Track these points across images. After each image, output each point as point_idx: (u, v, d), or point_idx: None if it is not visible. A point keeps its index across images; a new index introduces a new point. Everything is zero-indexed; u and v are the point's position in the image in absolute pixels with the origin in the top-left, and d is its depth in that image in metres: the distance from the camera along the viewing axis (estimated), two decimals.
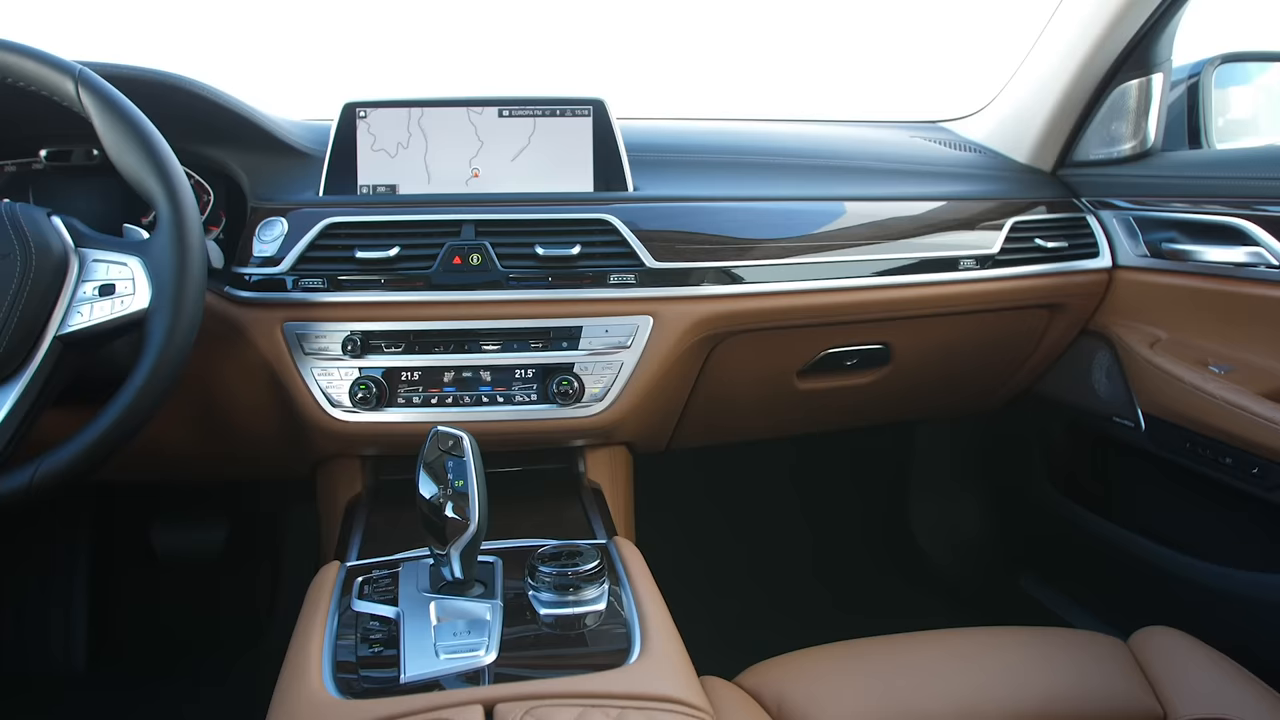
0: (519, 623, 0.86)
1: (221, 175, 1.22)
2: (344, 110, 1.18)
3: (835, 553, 2.04)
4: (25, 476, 0.88)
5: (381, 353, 1.12)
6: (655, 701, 0.72)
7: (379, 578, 0.94)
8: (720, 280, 1.19)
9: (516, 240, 1.13)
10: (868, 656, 1.02)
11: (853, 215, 1.28)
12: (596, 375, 1.14)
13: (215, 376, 1.16)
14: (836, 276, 1.26)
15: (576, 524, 1.11)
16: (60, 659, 1.71)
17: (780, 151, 1.39)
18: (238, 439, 1.28)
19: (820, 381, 1.38)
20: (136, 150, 0.93)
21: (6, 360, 0.88)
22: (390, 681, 0.78)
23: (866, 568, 2.03)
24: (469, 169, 1.19)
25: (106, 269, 0.92)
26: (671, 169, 1.27)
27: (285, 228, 1.13)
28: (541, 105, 1.20)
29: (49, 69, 0.92)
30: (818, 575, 2.01)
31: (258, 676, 1.64)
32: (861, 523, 2.08)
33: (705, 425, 1.40)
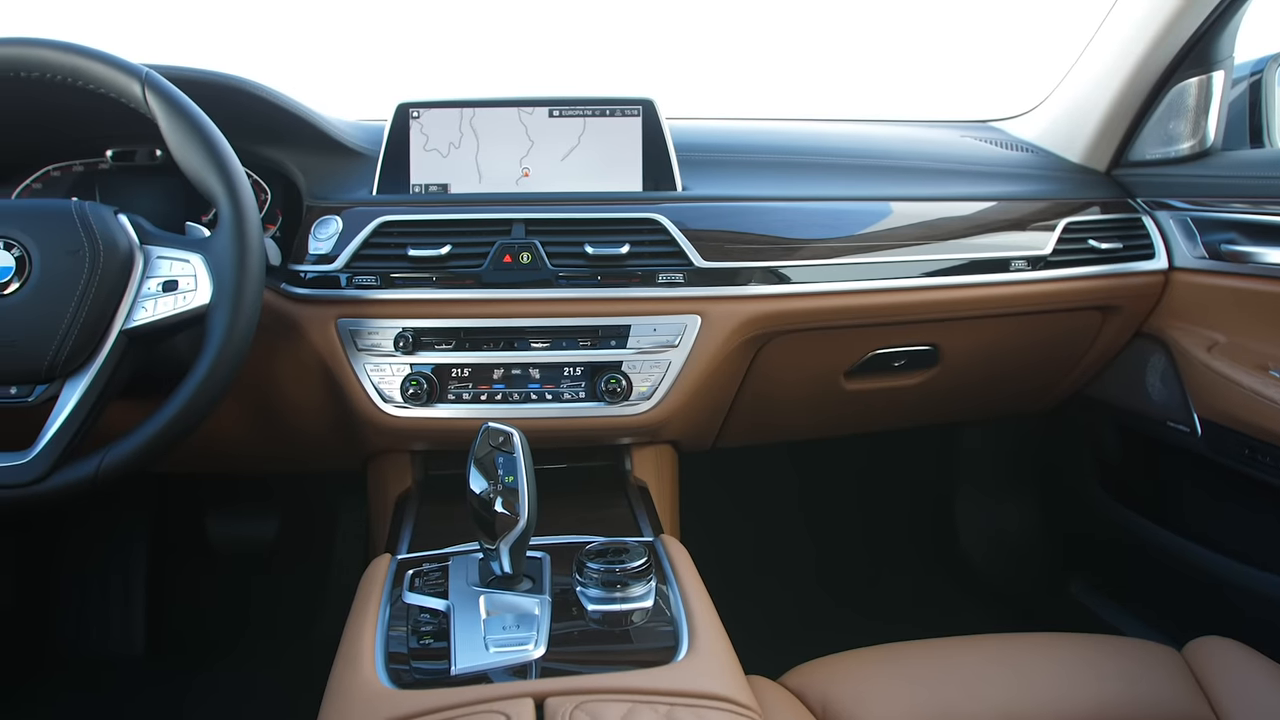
0: (567, 618, 0.87)
1: (278, 175, 1.25)
2: (397, 111, 1.20)
3: (878, 554, 2.03)
4: (92, 466, 0.92)
5: (432, 349, 1.14)
6: (704, 699, 0.72)
7: (429, 571, 0.96)
8: (768, 280, 1.19)
9: (566, 239, 1.15)
10: (913, 660, 1.01)
11: (902, 215, 1.27)
12: (644, 374, 1.15)
13: (271, 371, 1.19)
14: (885, 277, 1.25)
15: (623, 521, 1.12)
16: (119, 644, 1.76)
17: (829, 151, 1.39)
18: (292, 433, 1.30)
19: (867, 382, 1.37)
20: (200, 150, 0.95)
21: (75, 354, 0.91)
22: (441, 673, 0.79)
23: (910, 570, 2.01)
24: (519, 168, 1.20)
25: (170, 266, 0.95)
26: (720, 169, 1.27)
27: (340, 226, 1.15)
28: (591, 105, 1.21)
29: (117, 72, 0.94)
30: (860, 577, 2.00)
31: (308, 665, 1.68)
32: (905, 524, 2.06)
33: (751, 424, 1.40)
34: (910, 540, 2.06)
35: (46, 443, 0.91)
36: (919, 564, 2.02)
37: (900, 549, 2.05)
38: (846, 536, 2.05)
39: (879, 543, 2.04)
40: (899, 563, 2.03)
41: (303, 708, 1.18)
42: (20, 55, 0.93)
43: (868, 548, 2.04)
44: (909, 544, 2.06)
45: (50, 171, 1.25)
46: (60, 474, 0.91)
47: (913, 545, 2.05)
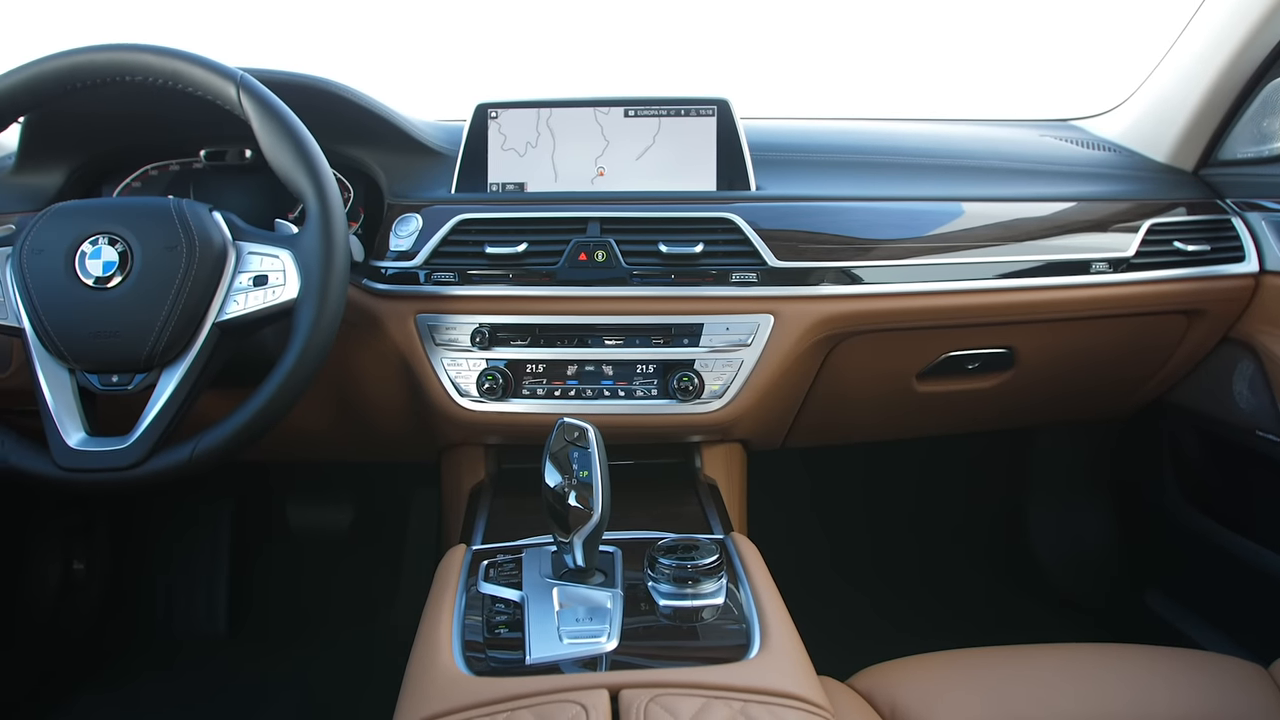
0: (638, 612, 0.88)
1: (361, 173, 1.29)
2: (476, 111, 1.23)
3: (947, 558, 2.00)
4: (185, 452, 0.96)
5: (508, 345, 1.17)
6: (777, 697, 0.72)
7: (503, 562, 0.98)
8: (842, 280, 1.18)
9: (640, 238, 1.16)
10: (984, 666, 1.00)
11: (979, 216, 1.25)
12: (716, 372, 1.16)
13: (352, 364, 1.22)
14: (960, 278, 1.23)
15: (693, 518, 1.13)
16: (203, 624, 1.84)
17: (905, 151, 1.37)
18: (370, 424, 1.34)
19: (940, 384, 1.36)
20: (290, 150, 0.98)
21: (171, 344, 0.96)
22: (516, 663, 0.80)
23: (980, 575, 1.98)
24: (594, 167, 1.22)
25: (260, 261, 0.99)
26: (795, 168, 1.27)
27: (420, 223, 1.18)
28: (666, 105, 1.22)
29: (213, 75, 0.98)
30: (928, 580, 1.97)
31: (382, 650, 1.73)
32: (975, 529, 2.03)
33: (821, 425, 1.40)
34: (979, 545, 2.02)
35: (144, 429, 0.95)
36: (987, 569, 1.99)
37: (968, 553, 2.02)
38: (912, 539, 2.02)
39: (945, 546, 2.01)
40: (966, 567, 2.00)
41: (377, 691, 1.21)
42: (124, 60, 0.98)
43: (934, 551, 2.01)
44: (977, 549, 2.02)
45: (149, 171, 1.31)
46: (156, 459, 0.95)
47: (981, 550, 2.02)
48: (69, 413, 0.97)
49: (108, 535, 1.83)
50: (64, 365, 0.97)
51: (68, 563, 1.76)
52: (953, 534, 2.03)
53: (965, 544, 2.03)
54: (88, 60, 0.98)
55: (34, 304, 0.96)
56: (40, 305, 0.95)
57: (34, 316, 0.96)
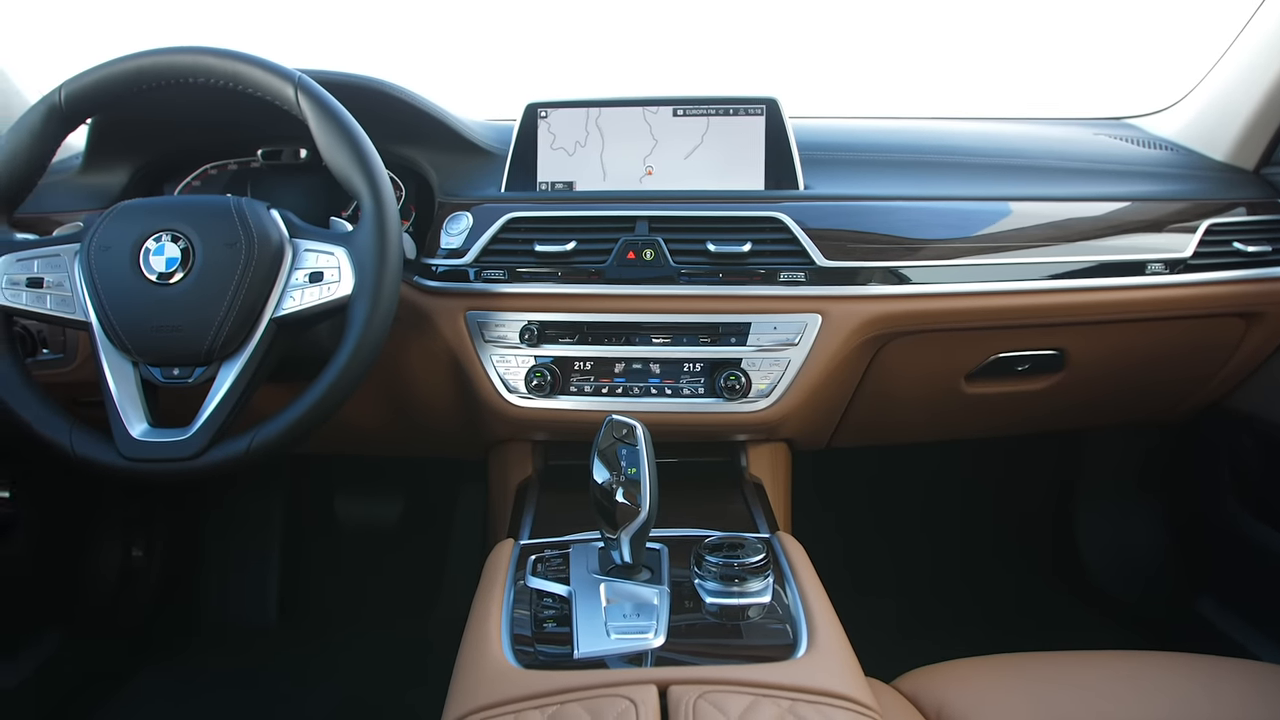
0: (684, 610, 0.88)
1: (412, 172, 1.31)
2: (526, 111, 1.24)
3: (991, 560, 1.98)
4: (243, 444, 0.98)
5: (556, 342, 1.18)
6: (825, 697, 0.72)
7: (551, 557, 0.99)
8: (890, 280, 1.17)
9: (688, 236, 1.16)
10: (1033, 671, 0.99)
11: (1030, 215, 1.23)
12: (764, 371, 1.15)
13: (403, 361, 1.24)
14: (1011, 279, 1.21)
15: (739, 517, 1.13)
16: (255, 613, 1.88)
17: (955, 150, 1.36)
18: (420, 419, 1.36)
19: (989, 386, 1.34)
20: (346, 150, 1.00)
21: (230, 339, 0.98)
22: (564, 657, 0.81)
23: (1026, 579, 1.95)
24: (643, 167, 1.23)
25: (316, 258, 1.00)
26: (843, 168, 1.27)
27: (470, 222, 1.20)
28: (715, 104, 1.22)
29: (272, 76, 1.00)
30: (971, 582, 1.95)
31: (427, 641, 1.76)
32: (1023, 532, 2.00)
33: (867, 425, 1.39)
34: (1025, 548, 2.00)
35: (204, 421, 0.98)
36: (1033, 572, 1.96)
37: (1014, 557, 1.99)
38: (957, 541, 2.00)
39: (991, 549, 1.99)
40: (1012, 570, 1.97)
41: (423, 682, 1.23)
42: (187, 62, 1.00)
43: (979, 553, 1.99)
44: (1023, 552, 2.00)
45: (208, 170, 1.35)
46: (215, 450, 0.97)
47: (1028, 553, 1.99)
48: (132, 404, 1.00)
49: (165, 524, 1.88)
50: (128, 358, 1.00)
51: (128, 550, 1.82)
52: (997, 536, 2.01)
53: (1010, 546, 2.00)
54: (153, 63, 1.00)
55: (100, 299, 0.99)
56: (106, 300, 0.98)
57: (100, 311, 0.99)
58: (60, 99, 1.02)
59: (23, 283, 1.01)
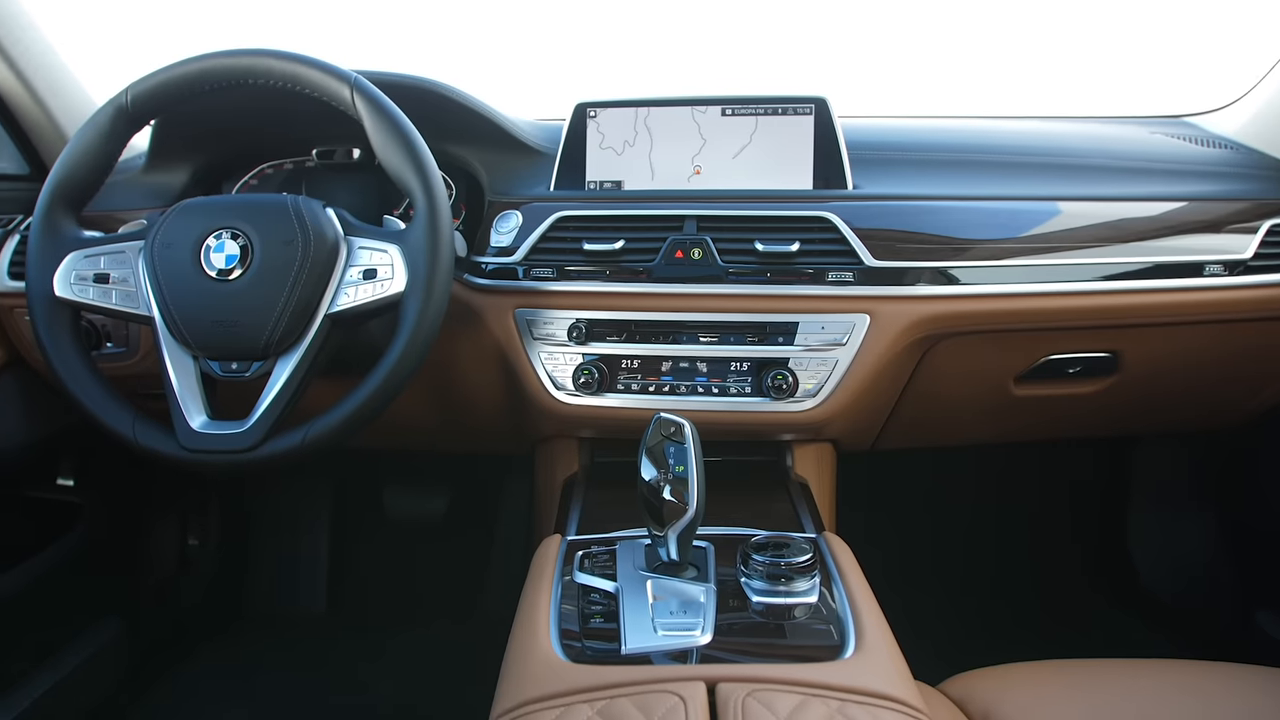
0: (731, 608, 0.88)
1: (462, 170, 1.32)
2: (575, 110, 1.25)
3: (1039, 566, 1.95)
4: (298, 437, 1.00)
5: (604, 340, 1.18)
6: (875, 698, 0.72)
7: (598, 553, 0.99)
8: (939, 280, 1.16)
9: (737, 236, 1.16)
10: (1084, 679, 0.97)
11: (1083, 215, 1.21)
12: (811, 371, 1.15)
13: (453, 357, 1.26)
14: (1063, 280, 1.20)
15: (785, 517, 1.13)
16: (304, 601, 1.92)
17: (1007, 149, 1.34)
18: (469, 415, 1.38)
19: (1039, 388, 1.32)
20: (401, 149, 1.02)
21: (287, 334, 1.00)
22: (612, 652, 0.82)
23: (1073, 585, 1.92)
24: (691, 166, 1.23)
25: (370, 255, 1.02)
26: (892, 167, 1.26)
27: (519, 220, 1.21)
28: (763, 104, 1.22)
29: (329, 77, 1.02)
30: (1016, 587, 1.92)
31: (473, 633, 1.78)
32: (1071, 537, 1.97)
33: (913, 427, 1.38)
34: (1073, 555, 1.96)
35: (260, 414, 1.00)
36: (1082, 580, 1.93)
37: (1062, 563, 1.96)
38: (1004, 546, 1.97)
39: (1039, 554, 1.96)
40: (1059, 577, 1.94)
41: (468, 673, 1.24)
42: (248, 64, 1.02)
43: (1027, 559, 1.96)
44: (1072, 558, 1.96)
45: (264, 169, 1.38)
46: (271, 443, 1.00)
47: (1076, 560, 1.96)
48: (192, 397, 1.03)
49: (219, 514, 1.92)
50: (188, 352, 1.03)
51: (184, 539, 1.86)
52: (1044, 540, 1.98)
53: (1057, 551, 1.97)
54: (215, 65, 1.03)
55: (163, 294, 1.01)
56: (169, 295, 1.01)
57: (163, 306, 1.01)
58: (127, 101, 1.04)
59: (90, 278, 1.04)
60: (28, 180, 1.41)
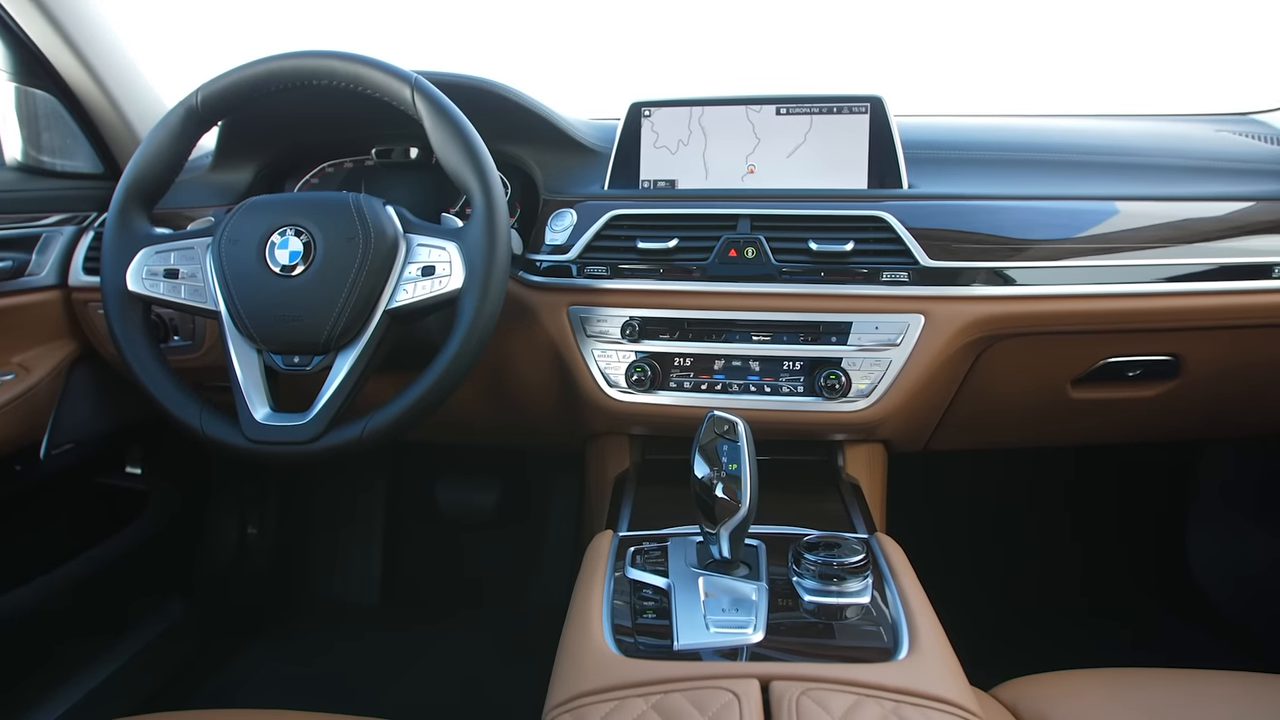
0: (782, 607, 0.88)
1: (517, 169, 1.34)
2: (630, 110, 1.26)
3: (1095, 573, 1.91)
4: (357, 430, 1.02)
5: (657, 338, 1.19)
6: (930, 700, 0.72)
7: (649, 550, 1.00)
8: (996, 281, 1.15)
9: (790, 235, 1.16)
10: (1144, 688, 0.95)
11: (1145, 215, 1.19)
12: (864, 371, 1.15)
13: (507, 353, 1.28)
14: (1123, 281, 1.17)
15: (836, 516, 1.12)
16: (357, 592, 1.96)
17: (1066, 148, 1.32)
18: (522, 411, 1.40)
19: (1097, 391, 1.30)
20: (460, 149, 1.03)
21: (347, 329, 1.02)
22: (664, 648, 0.82)
23: (1129, 593, 1.88)
24: (745, 165, 1.23)
25: (428, 252, 1.04)
26: (949, 166, 1.24)
27: (574, 219, 1.22)
28: (818, 103, 1.22)
29: (390, 78, 1.04)
30: (1072, 595, 1.89)
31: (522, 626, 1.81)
32: (1127, 545, 1.93)
33: (967, 428, 1.36)
34: (1130, 562, 1.92)
35: (321, 407, 1.02)
36: (1137, 588, 1.89)
37: (1118, 570, 1.92)
38: (1058, 552, 1.94)
39: (1094, 561, 1.93)
40: (1115, 584, 1.90)
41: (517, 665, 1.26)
42: (313, 65, 1.05)
43: (1081, 565, 1.92)
44: (1128, 567, 1.92)
45: (325, 168, 1.41)
46: (331, 435, 1.02)
47: (1131, 566, 1.92)
48: (256, 389, 1.05)
49: (277, 504, 1.97)
50: (253, 345, 1.05)
51: (243, 527, 1.92)
52: (1099, 547, 1.94)
53: (1114, 559, 1.93)
54: (281, 66, 1.05)
55: (230, 289, 1.04)
56: (234, 290, 1.04)
57: (229, 300, 1.04)
58: (197, 102, 1.07)
59: (160, 273, 1.08)
60: (102, 179, 1.46)
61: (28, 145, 1.37)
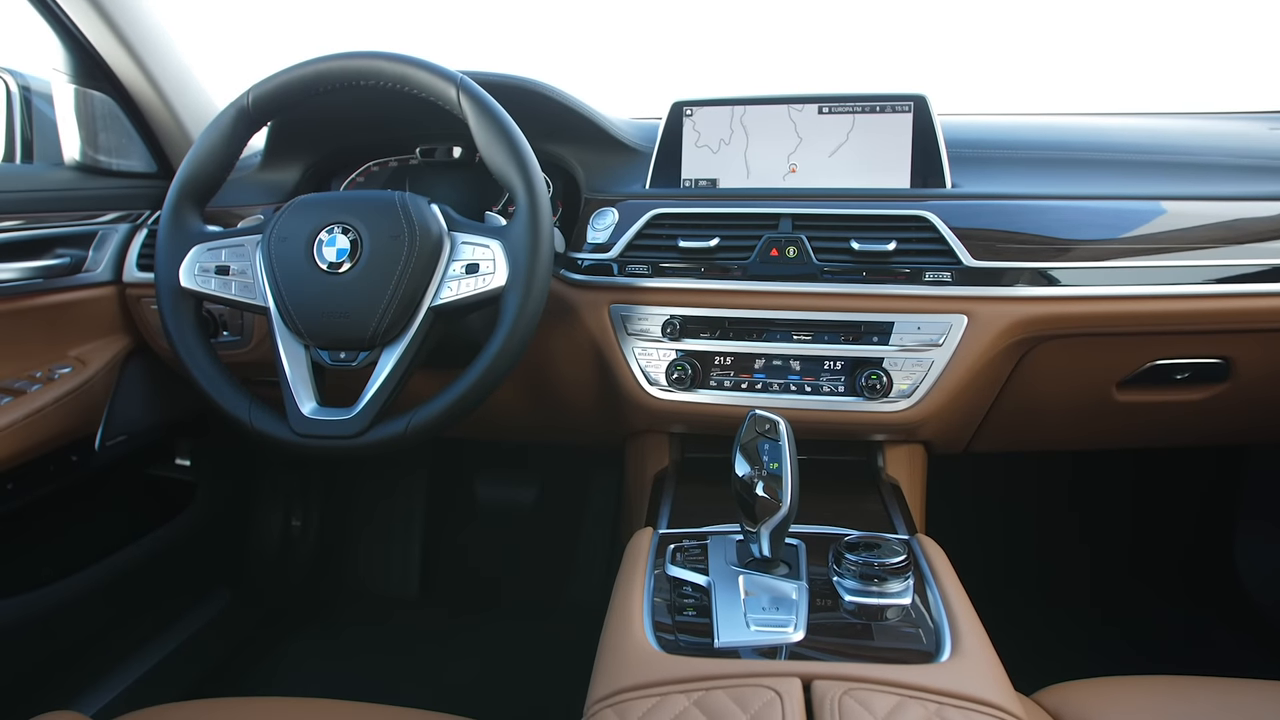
0: (822, 607, 0.88)
1: (559, 168, 1.35)
2: (672, 109, 1.26)
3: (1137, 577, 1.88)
4: (401, 425, 1.03)
5: (697, 337, 1.19)
6: (975, 704, 0.71)
7: (689, 547, 1.00)
8: (1040, 281, 1.14)
9: (832, 234, 1.16)
10: (1191, 698, 0.93)
11: (1194, 215, 1.17)
12: (905, 372, 1.14)
13: (548, 351, 1.29)
14: (1172, 282, 1.15)
15: (877, 517, 1.12)
16: (397, 585, 1.99)
17: (1112, 147, 1.30)
18: (562, 408, 1.41)
19: (1143, 394, 1.28)
20: (504, 147, 1.04)
21: (392, 325, 1.03)
22: (705, 645, 0.82)
23: (1174, 599, 1.85)
24: (787, 164, 1.23)
25: (472, 250, 1.05)
26: (993, 165, 1.23)
27: (615, 217, 1.23)
28: (861, 101, 1.21)
29: (436, 78, 1.05)
30: (1115, 599, 1.86)
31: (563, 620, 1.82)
32: (1172, 549, 1.90)
33: (1009, 430, 1.35)
34: (1175, 567, 1.89)
35: (367, 402, 1.03)
36: (1181, 592, 1.86)
37: (1162, 575, 1.89)
38: (1102, 555, 1.91)
39: (1139, 565, 1.89)
40: (1159, 588, 1.87)
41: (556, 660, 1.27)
42: (360, 66, 1.06)
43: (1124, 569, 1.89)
44: (1173, 571, 1.89)
45: (370, 167, 1.43)
46: (376, 430, 1.03)
47: (1178, 573, 1.89)
48: (304, 384, 1.07)
49: (320, 497, 2.01)
50: (300, 341, 1.07)
51: (287, 520, 1.95)
52: (1143, 551, 1.91)
53: (1159, 564, 1.90)
54: (330, 67, 1.07)
55: (278, 286, 1.06)
56: (283, 287, 1.05)
57: (278, 297, 1.06)
58: (248, 103, 1.10)
59: (212, 270, 1.10)
60: (155, 178, 1.49)
61: (86, 145, 1.40)
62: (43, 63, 1.39)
